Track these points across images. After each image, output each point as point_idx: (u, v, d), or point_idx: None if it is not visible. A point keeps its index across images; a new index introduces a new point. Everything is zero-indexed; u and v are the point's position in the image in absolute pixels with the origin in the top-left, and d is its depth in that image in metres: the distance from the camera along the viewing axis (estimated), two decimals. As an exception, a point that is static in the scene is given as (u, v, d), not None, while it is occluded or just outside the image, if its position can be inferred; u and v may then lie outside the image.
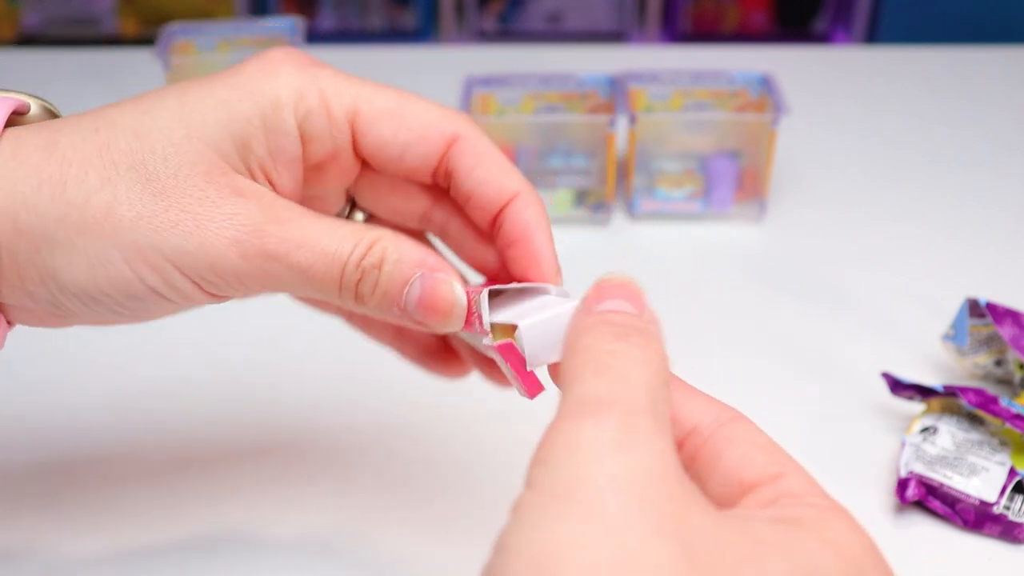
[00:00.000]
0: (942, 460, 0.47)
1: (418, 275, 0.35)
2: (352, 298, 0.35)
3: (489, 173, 0.38)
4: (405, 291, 0.35)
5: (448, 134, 0.38)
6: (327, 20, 1.82)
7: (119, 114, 0.35)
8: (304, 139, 0.36)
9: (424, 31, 1.82)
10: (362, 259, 0.34)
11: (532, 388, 0.33)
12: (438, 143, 0.38)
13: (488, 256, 0.40)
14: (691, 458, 0.31)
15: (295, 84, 0.36)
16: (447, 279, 0.35)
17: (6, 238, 0.33)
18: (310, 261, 0.34)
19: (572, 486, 0.24)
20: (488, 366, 0.42)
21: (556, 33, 1.84)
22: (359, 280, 0.35)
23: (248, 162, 0.35)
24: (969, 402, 0.47)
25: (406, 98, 0.38)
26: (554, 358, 0.33)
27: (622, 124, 0.68)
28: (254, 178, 0.36)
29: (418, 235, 0.42)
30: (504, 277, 0.39)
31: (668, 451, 0.26)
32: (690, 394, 0.32)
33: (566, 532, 0.23)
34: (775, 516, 0.28)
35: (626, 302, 0.31)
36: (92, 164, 0.34)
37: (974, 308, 0.51)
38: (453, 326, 0.35)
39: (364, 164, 0.39)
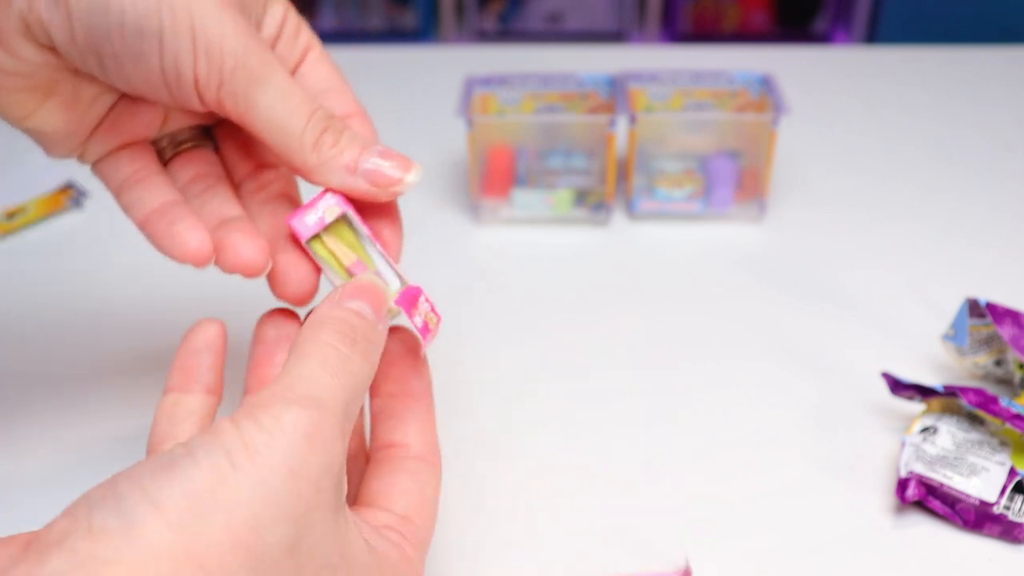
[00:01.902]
0: (942, 460, 0.47)
1: (377, 147, 0.38)
2: (312, 143, 0.37)
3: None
4: (364, 155, 0.38)
5: None
6: (327, 20, 1.82)
7: None
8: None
9: (424, 31, 1.82)
10: (328, 117, 0.38)
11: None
12: None
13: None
14: (380, 461, 0.38)
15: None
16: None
17: None
18: (287, 95, 0.37)
19: (259, 460, 0.29)
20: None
21: (556, 33, 1.84)
22: (325, 128, 0.37)
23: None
24: (969, 402, 0.47)
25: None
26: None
27: (622, 124, 0.68)
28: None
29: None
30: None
31: (338, 455, 0.31)
32: (427, 422, 0.39)
33: (227, 479, 0.29)
34: (370, 544, 0.34)
35: (369, 307, 0.36)
36: None
37: (974, 308, 0.52)
38: (397, 192, 0.38)
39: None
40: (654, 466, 0.50)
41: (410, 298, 0.38)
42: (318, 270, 0.39)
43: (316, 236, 0.38)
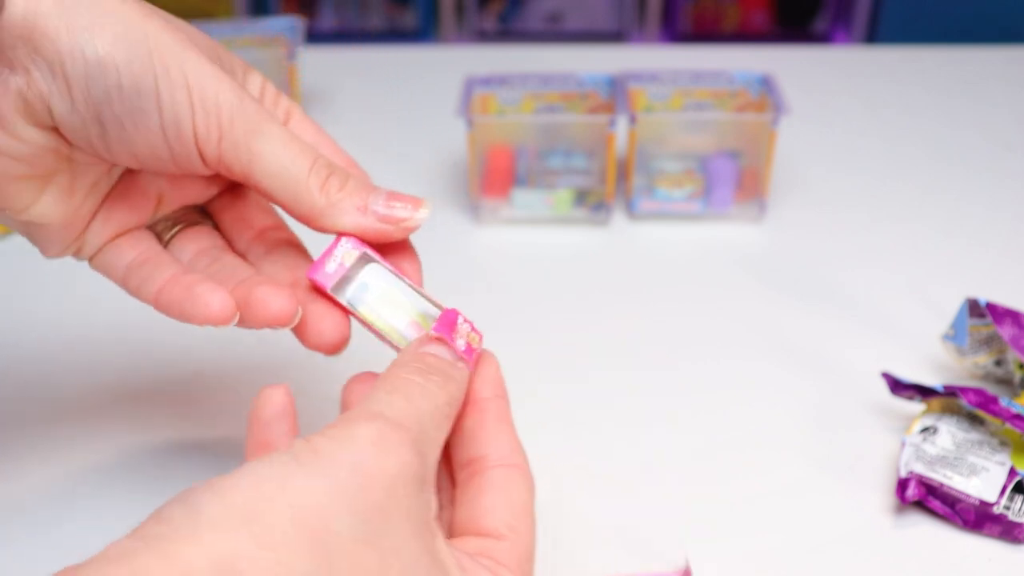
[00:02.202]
0: (942, 460, 0.47)
1: (384, 191, 0.38)
2: (319, 187, 0.37)
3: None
4: (373, 196, 0.38)
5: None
6: (327, 20, 1.82)
7: None
8: None
9: (424, 31, 1.82)
10: (331, 164, 0.38)
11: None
12: None
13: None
14: (463, 482, 0.36)
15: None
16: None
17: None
18: (287, 142, 0.37)
19: (326, 458, 0.30)
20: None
21: (556, 33, 1.84)
22: (330, 173, 0.38)
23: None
24: (969, 402, 0.47)
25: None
26: None
27: (622, 124, 0.68)
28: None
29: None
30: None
31: (411, 467, 0.31)
32: (499, 427, 0.37)
33: (292, 472, 0.29)
34: (463, 567, 0.33)
35: (446, 351, 0.36)
36: None
37: (974, 308, 0.52)
38: (409, 228, 0.38)
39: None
40: (654, 466, 0.50)
41: (448, 323, 0.37)
42: (347, 317, 0.38)
43: (360, 307, 0.38)
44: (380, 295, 0.38)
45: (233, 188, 0.42)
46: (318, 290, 0.38)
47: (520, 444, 0.37)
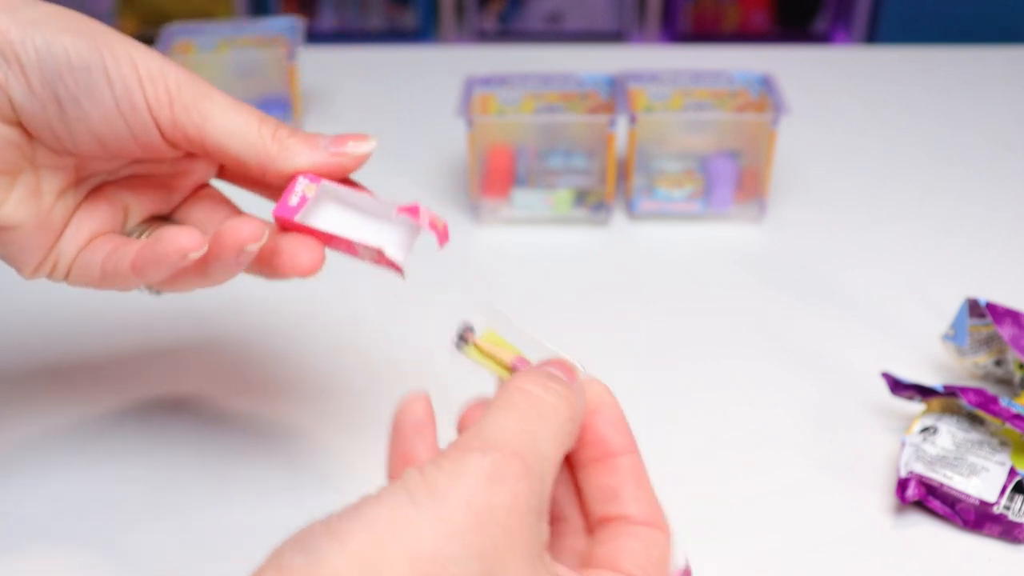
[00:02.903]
0: (942, 460, 0.47)
1: (329, 135, 0.40)
2: (271, 136, 0.39)
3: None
4: (318, 138, 0.40)
5: None
6: (327, 20, 1.82)
7: None
8: None
9: (424, 31, 1.82)
10: (279, 122, 0.40)
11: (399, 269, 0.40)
12: None
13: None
14: (599, 533, 0.35)
15: None
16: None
17: None
18: (235, 103, 0.40)
19: (440, 497, 0.29)
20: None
21: (556, 33, 1.84)
22: (278, 126, 0.40)
23: None
24: (969, 402, 0.47)
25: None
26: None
27: (622, 124, 0.68)
28: None
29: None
30: None
31: (525, 496, 0.30)
32: (638, 487, 0.36)
33: (409, 515, 0.29)
34: None
35: (562, 373, 0.35)
36: None
37: (974, 308, 0.51)
38: (361, 155, 0.40)
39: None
40: (654, 466, 0.50)
41: (411, 208, 0.39)
42: (321, 241, 0.40)
43: (325, 224, 0.40)
44: (343, 211, 0.40)
45: (194, 196, 0.44)
46: (285, 225, 0.40)
47: (659, 503, 0.36)
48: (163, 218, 0.44)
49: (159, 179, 0.43)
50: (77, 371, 0.56)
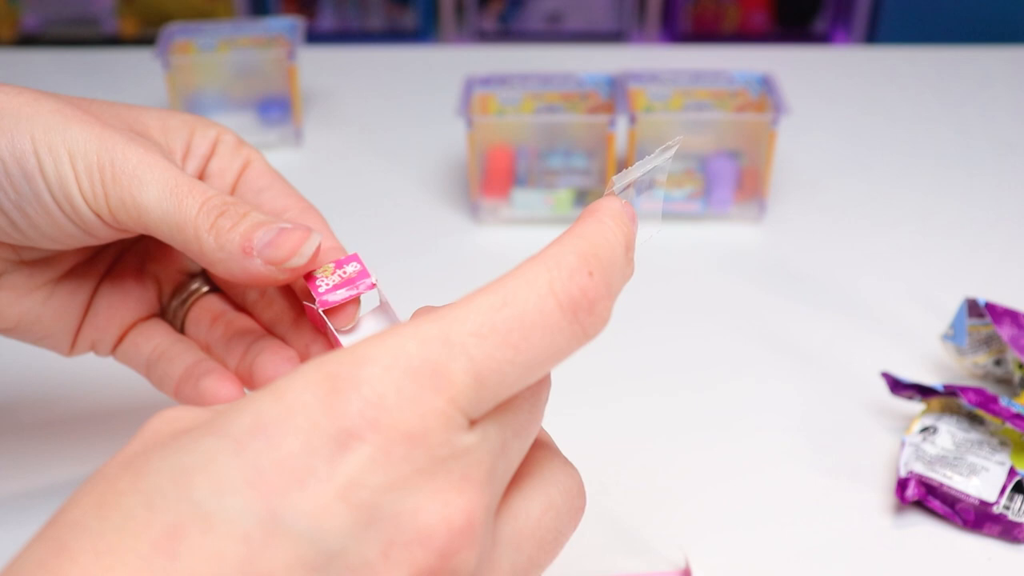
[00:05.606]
0: (942, 460, 0.47)
1: (278, 225, 0.36)
2: (208, 226, 0.35)
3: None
4: (259, 232, 0.35)
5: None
6: (327, 20, 1.82)
7: None
8: None
9: (424, 31, 1.82)
10: (228, 203, 0.36)
11: None
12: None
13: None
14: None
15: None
16: (303, 230, 0.36)
17: None
18: (173, 187, 0.36)
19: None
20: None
21: (556, 33, 1.84)
22: (221, 212, 0.35)
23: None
24: (969, 402, 0.47)
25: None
26: None
27: (622, 124, 0.68)
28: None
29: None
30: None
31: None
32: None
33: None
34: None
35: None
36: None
37: (973, 308, 0.52)
38: (298, 261, 0.35)
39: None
40: (654, 466, 0.50)
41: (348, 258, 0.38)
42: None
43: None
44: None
45: None
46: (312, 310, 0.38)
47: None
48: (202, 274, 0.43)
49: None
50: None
